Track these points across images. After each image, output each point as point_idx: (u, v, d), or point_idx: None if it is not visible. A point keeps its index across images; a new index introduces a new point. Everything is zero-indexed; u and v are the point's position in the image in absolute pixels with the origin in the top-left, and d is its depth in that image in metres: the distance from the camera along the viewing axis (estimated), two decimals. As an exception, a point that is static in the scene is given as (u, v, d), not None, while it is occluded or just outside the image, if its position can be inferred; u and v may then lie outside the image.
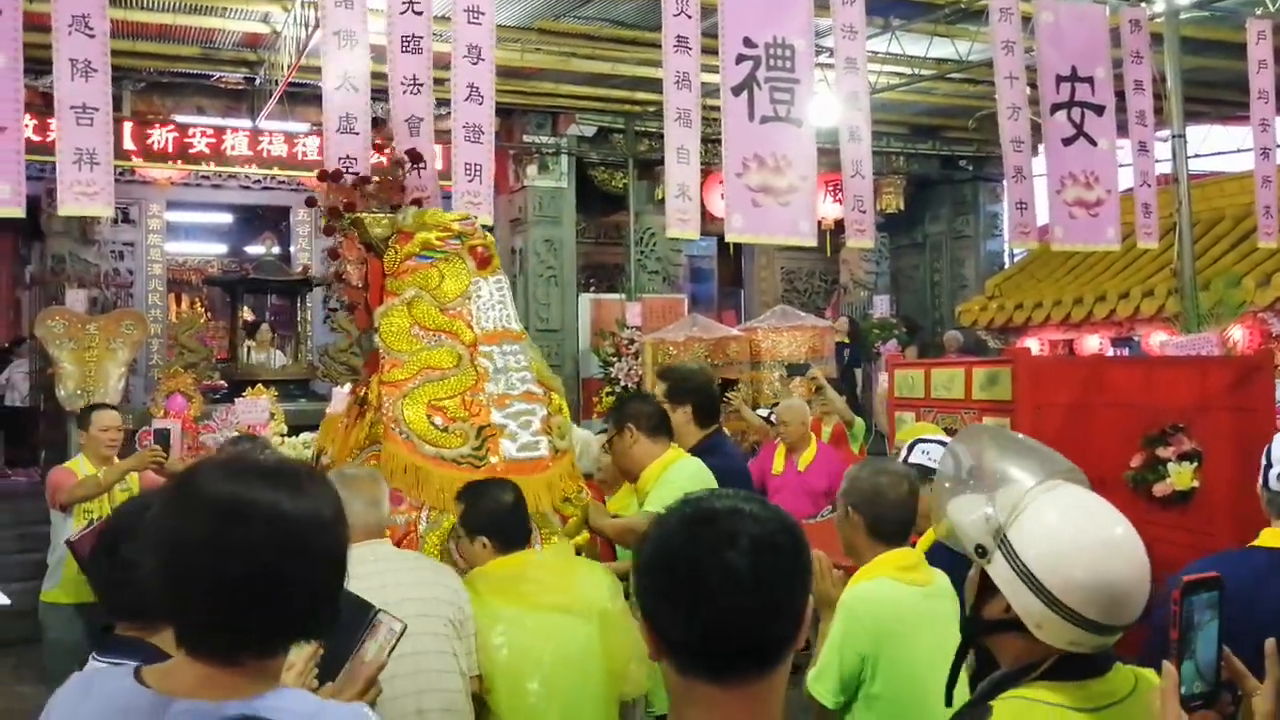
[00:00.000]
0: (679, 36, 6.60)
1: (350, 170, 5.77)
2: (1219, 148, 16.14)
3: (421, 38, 6.33)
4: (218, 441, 8.43)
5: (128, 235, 14.88)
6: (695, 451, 4.99)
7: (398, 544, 4.15)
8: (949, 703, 2.42)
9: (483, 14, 6.48)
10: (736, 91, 6.72)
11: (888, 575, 3.54)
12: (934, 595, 3.55)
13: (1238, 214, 12.09)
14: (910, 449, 4.57)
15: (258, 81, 13.51)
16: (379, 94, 6.31)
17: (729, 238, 6.83)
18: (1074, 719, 2.08)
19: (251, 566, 1.76)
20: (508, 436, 4.66)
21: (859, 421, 8.84)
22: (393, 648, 2.93)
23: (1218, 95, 14.07)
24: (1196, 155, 13.02)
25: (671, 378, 5.45)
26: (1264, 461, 3.15)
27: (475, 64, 6.44)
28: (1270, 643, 1.97)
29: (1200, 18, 10.64)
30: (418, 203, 5.62)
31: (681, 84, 6.59)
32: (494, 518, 3.98)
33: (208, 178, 14.86)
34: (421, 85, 6.30)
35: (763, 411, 9.19)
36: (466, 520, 4.02)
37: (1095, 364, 8.38)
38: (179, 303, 18.99)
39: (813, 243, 7.01)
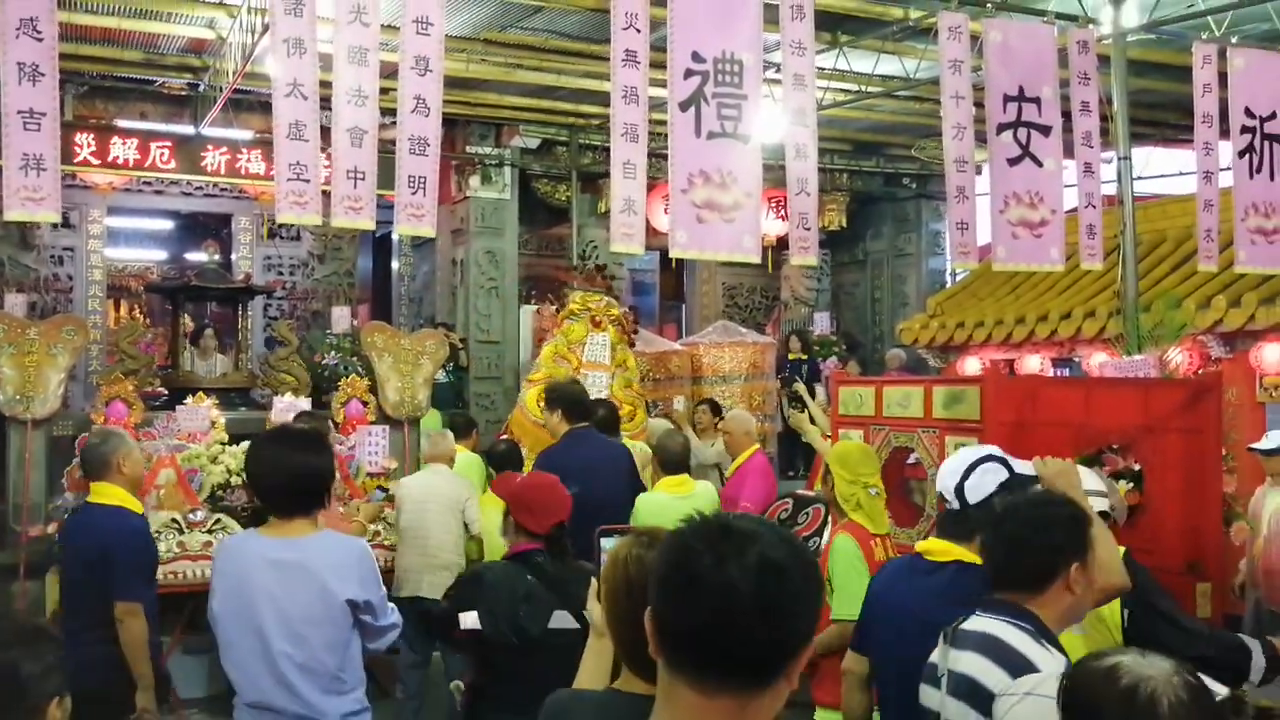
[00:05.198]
0: (627, 50, 6.54)
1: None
2: (1162, 170, 16.30)
3: (368, 50, 6.28)
4: (157, 450, 8.34)
5: (68, 240, 14.67)
6: (562, 439, 6.75)
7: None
8: None
9: (432, 25, 6.43)
10: (684, 107, 6.67)
11: (664, 490, 6.57)
12: (693, 499, 6.28)
13: (1179, 236, 12.12)
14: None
15: (201, 88, 13.37)
16: (327, 102, 6.26)
17: (673, 254, 6.79)
18: None
19: (291, 476, 3.85)
20: None
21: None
22: None
23: (1161, 117, 14.23)
24: (1140, 177, 13.11)
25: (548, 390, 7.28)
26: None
27: (422, 75, 6.39)
28: None
29: (1146, 40, 10.73)
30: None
31: (629, 99, 6.53)
32: (491, 454, 7.80)
33: (149, 183, 14.67)
34: (366, 98, 6.26)
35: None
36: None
37: (1038, 384, 8.42)
38: (118, 309, 18.75)
39: (756, 259, 7.00)
